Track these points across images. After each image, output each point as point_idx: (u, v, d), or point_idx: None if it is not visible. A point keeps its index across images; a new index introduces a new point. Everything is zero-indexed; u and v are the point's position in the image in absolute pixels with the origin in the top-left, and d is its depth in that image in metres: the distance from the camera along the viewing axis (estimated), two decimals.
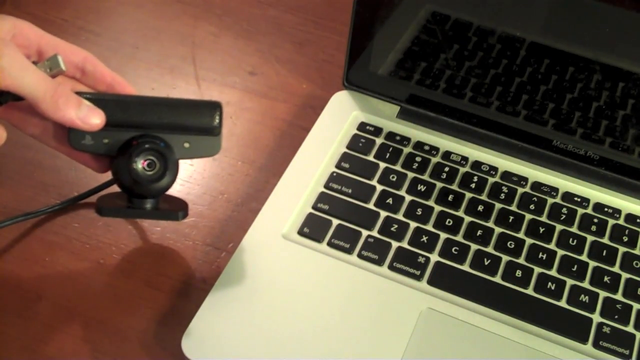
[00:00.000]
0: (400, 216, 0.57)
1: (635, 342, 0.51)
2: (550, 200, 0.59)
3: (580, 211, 0.58)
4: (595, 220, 0.57)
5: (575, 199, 0.59)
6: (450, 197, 0.58)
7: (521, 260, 0.55)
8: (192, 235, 0.57)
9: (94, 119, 0.44)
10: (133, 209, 0.46)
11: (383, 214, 0.57)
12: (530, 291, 0.53)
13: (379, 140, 0.62)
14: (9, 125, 0.47)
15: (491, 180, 0.60)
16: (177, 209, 0.48)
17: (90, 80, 0.49)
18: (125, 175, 0.45)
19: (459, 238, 0.56)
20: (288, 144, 0.63)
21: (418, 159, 0.60)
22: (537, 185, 0.59)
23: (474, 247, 0.55)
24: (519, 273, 0.54)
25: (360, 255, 0.54)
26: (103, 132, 0.45)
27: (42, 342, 0.50)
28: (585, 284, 0.54)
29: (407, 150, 0.61)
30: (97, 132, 0.45)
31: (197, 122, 0.46)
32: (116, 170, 0.46)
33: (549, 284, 0.53)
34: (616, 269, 0.55)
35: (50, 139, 0.48)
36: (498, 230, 0.56)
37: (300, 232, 0.55)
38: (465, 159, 0.61)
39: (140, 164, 0.45)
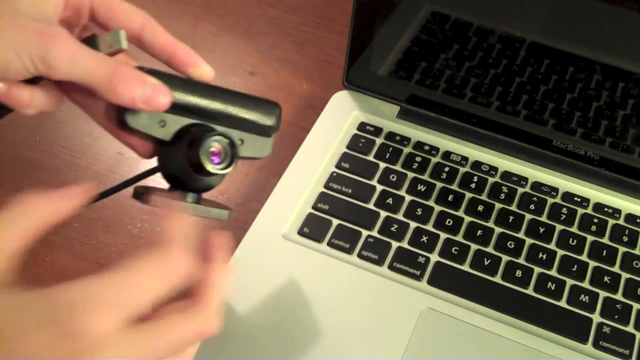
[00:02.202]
0: (400, 216, 0.57)
1: (635, 342, 0.51)
2: (550, 200, 0.59)
3: (580, 211, 0.58)
4: (595, 220, 0.57)
5: (575, 199, 0.59)
6: (450, 197, 0.58)
7: (521, 260, 0.55)
8: None
9: (161, 98, 0.38)
10: (184, 202, 0.40)
11: (383, 214, 0.57)
12: (530, 291, 0.53)
13: (379, 140, 0.62)
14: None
15: (491, 180, 0.60)
16: (220, 207, 0.43)
17: (148, 50, 0.42)
18: (182, 163, 0.39)
19: (459, 238, 0.56)
20: (288, 144, 0.63)
21: (418, 159, 0.60)
22: (537, 185, 0.59)
23: (474, 247, 0.55)
24: (519, 273, 0.54)
25: (360, 255, 0.54)
26: (161, 113, 0.39)
27: None
28: (585, 284, 0.54)
29: (407, 150, 0.61)
30: (154, 113, 0.39)
31: (257, 119, 0.42)
32: (171, 157, 0.40)
33: (549, 284, 0.53)
34: (616, 269, 0.55)
35: (98, 115, 0.41)
36: (498, 230, 0.56)
37: (300, 232, 0.55)
38: (465, 159, 0.61)
39: (208, 154, 0.39)
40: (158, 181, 0.41)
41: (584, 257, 0.55)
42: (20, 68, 0.35)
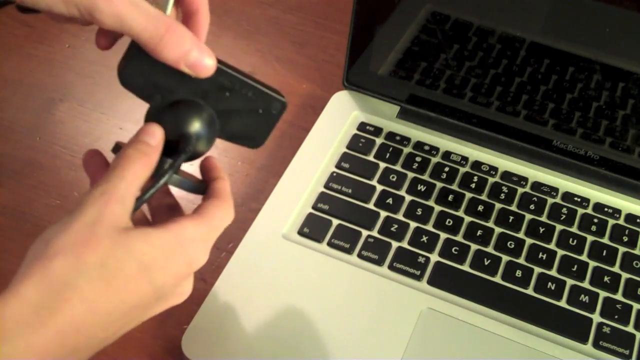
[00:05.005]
0: (400, 216, 0.57)
1: (635, 342, 0.51)
2: (550, 200, 0.59)
3: (580, 211, 0.58)
4: (595, 220, 0.57)
5: (575, 199, 0.59)
6: (450, 197, 0.58)
7: (521, 260, 0.55)
8: None
9: (207, 60, 0.36)
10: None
11: (383, 214, 0.57)
12: (530, 291, 0.53)
13: (379, 140, 0.62)
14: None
15: (491, 180, 0.60)
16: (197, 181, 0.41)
17: None
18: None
19: (459, 238, 0.56)
20: (288, 144, 0.63)
21: (418, 159, 0.60)
22: (537, 185, 0.59)
23: (474, 247, 0.55)
24: (519, 273, 0.54)
25: (360, 255, 0.54)
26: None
27: None
28: (585, 284, 0.54)
29: (407, 150, 0.61)
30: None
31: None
32: (163, 120, 0.38)
33: (549, 284, 0.53)
34: (616, 269, 0.55)
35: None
36: (498, 230, 0.56)
37: (300, 232, 0.55)
38: (465, 159, 0.61)
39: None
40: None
41: (584, 257, 0.55)
42: (64, 12, 0.35)
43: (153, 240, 0.34)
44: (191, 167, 0.62)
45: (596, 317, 0.52)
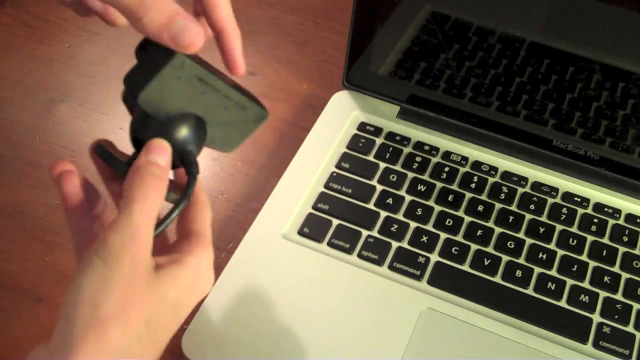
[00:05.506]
0: (400, 216, 0.57)
1: (635, 342, 0.51)
2: (550, 200, 0.59)
3: (580, 211, 0.58)
4: (595, 220, 0.57)
5: (575, 199, 0.59)
6: (450, 197, 0.58)
7: (521, 260, 0.55)
8: None
9: (193, 32, 0.34)
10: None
11: (383, 214, 0.57)
12: (530, 291, 0.53)
13: (379, 140, 0.62)
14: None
15: (491, 180, 0.60)
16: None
17: (205, 17, 0.39)
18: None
19: (459, 238, 0.56)
20: (288, 144, 0.63)
21: (418, 159, 0.60)
22: (537, 185, 0.59)
23: (474, 247, 0.55)
24: (519, 273, 0.54)
25: (360, 255, 0.54)
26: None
27: None
28: (585, 284, 0.54)
29: (407, 150, 0.61)
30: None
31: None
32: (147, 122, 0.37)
33: (549, 284, 0.53)
34: (616, 269, 0.55)
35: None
36: (498, 230, 0.56)
37: (300, 232, 0.55)
38: (465, 159, 0.61)
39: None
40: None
41: (584, 257, 0.55)
42: None
43: (181, 281, 0.35)
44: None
45: (596, 317, 0.52)
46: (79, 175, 0.37)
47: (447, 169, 0.60)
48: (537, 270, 0.54)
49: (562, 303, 0.53)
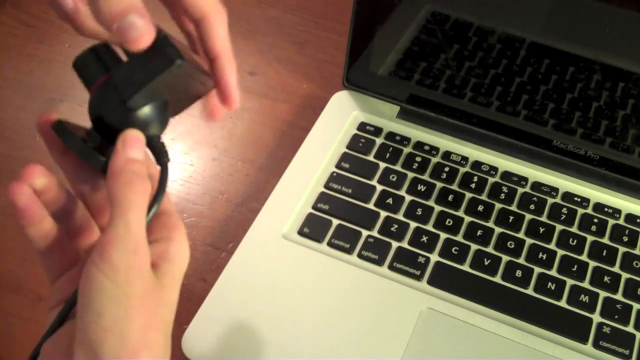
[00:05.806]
0: (400, 216, 0.57)
1: (635, 342, 0.51)
2: (550, 200, 0.59)
3: (580, 211, 0.58)
4: (595, 220, 0.57)
5: (575, 199, 0.59)
6: (450, 197, 0.58)
7: (521, 260, 0.55)
8: (192, 235, 0.57)
9: (141, 30, 0.31)
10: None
11: (383, 214, 0.57)
12: (530, 291, 0.53)
13: (379, 140, 0.62)
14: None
15: (491, 180, 0.60)
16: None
17: (201, 43, 0.38)
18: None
19: (459, 238, 0.56)
20: (288, 144, 0.63)
21: (418, 159, 0.60)
22: (537, 185, 0.59)
23: (474, 247, 0.55)
24: (519, 273, 0.54)
25: (360, 255, 0.54)
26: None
27: None
28: (585, 284, 0.54)
29: (407, 150, 0.61)
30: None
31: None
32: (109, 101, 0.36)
33: (549, 284, 0.53)
34: (616, 269, 0.55)
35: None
36: (498, 230, 0.56)
37: (300, 232, 0.55)
38: (465, 159, 0.61)
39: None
40: None
41: (584, 257, 0.55)
42: None
43: (176, 275, 0.36)
44: (192, 167, 0.62)
45: (596, 317, 0.52)
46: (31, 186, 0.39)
47: (447, 169, 0.60)
48: (537, 270, 0.54)
49: (562, 303, 0.53)
